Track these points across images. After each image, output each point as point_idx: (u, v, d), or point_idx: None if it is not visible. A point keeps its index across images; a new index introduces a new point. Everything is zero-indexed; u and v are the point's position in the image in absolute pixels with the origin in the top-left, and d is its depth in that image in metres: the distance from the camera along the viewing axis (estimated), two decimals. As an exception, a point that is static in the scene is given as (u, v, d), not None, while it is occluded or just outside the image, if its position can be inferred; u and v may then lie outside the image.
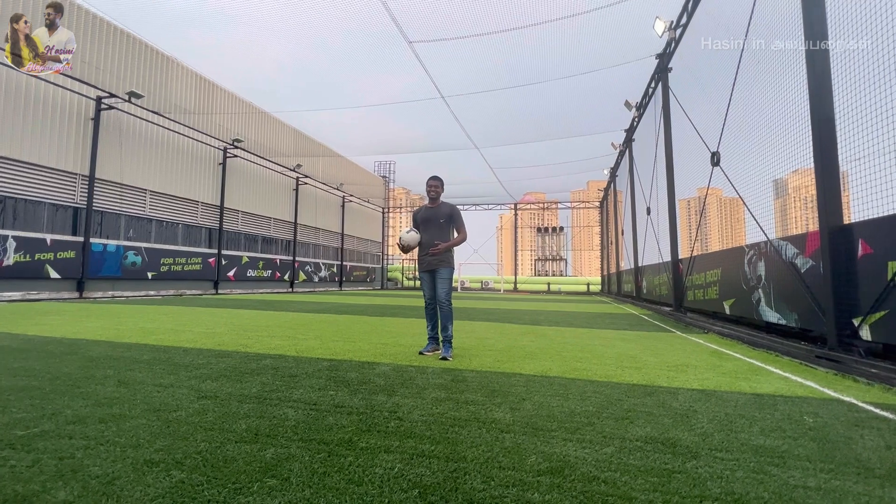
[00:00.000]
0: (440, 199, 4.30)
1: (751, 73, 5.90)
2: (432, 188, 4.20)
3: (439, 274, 4.08)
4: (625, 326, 7.17)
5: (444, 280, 4.05)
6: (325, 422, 2.08)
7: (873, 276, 3.62)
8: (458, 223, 4.21)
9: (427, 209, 4.25)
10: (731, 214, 8.63)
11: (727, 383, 3.13)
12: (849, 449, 1.89)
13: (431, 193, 4.21)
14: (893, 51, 3.45)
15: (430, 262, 4.12)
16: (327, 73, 13.78)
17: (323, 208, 25.45)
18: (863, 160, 3.78)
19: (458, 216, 4.20)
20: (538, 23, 9.48)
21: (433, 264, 4.11)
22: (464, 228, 4.24)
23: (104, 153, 13.08)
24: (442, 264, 4.10)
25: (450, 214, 4.17)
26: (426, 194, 4.27)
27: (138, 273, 14.18)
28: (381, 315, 8.30)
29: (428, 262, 4.14)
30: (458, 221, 4.20)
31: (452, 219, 4.19)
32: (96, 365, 3.21)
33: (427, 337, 4.22)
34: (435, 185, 4.21)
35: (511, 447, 1.82)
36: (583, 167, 21.50)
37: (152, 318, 6.61)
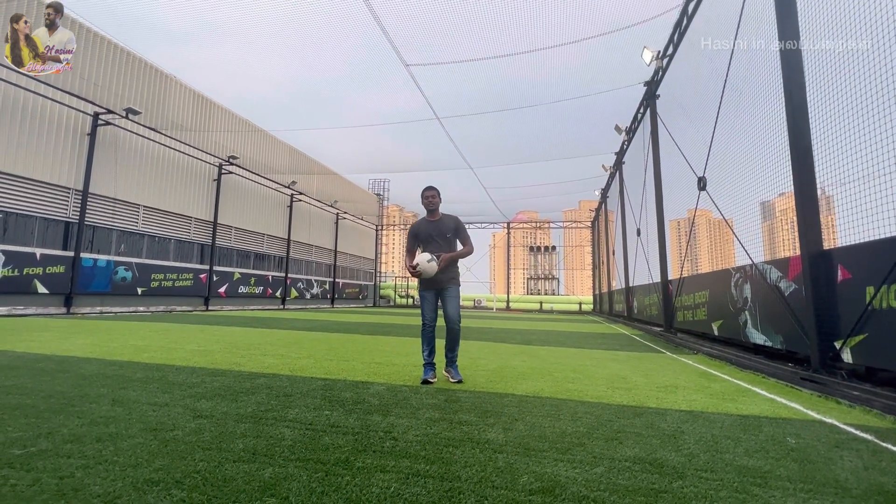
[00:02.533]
0: (439, 210, 3.92)
1: (734, 102, 6.16)
2: (429, 199, 3.80)
3: (448, 293, 3.74)
4: (616, 347, 7.24)
5: (453, 299, 3.75)
6: (321, 441, 2.11)
7: (852, 301, 3.75)
8: (464, 236, 3.86)
9: (428, 223, 3.85)
10: (721, 236, 8.84)
11: (714, 405, 3.20)
12: (828, 470, 1.97)
13: (429, 205, 3.81)
14: (868, 80, 3.67)
15: (437, 280, 3.72)
16: (324, 92, 14.07)
17: (317, 225, 25.49)
18: (846, 185, 3.96)
19: (463, 228, 3.87)
20: (531, 50, 9.82)
21: (440, 282, 3.73)
22: (470, 241, 3.87)
23: (99, 168, 13.10)
24: (451, 282, 3.77)
25: (455, 227, 3.82)
26: (423, 207, 3.88)
27: (128, 288, 14.04)
28: (373, 333, 8.30)
29: (433, 280, 3.73)
30: (464, 234, 3.86)
31: (458, 232, 3.84)
32: (89, 383, 3.20)
33: (423, 364, 3.76)
34: (431, 195, 3.81)
35: (504, 467, 1.87)
36: (575, 187, 21.91)
37: (143, 336, 6.55)
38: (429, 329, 3.78)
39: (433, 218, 3.85)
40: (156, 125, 14.90)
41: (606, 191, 21.06)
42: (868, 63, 3.66)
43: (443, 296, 3.76)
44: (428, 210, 3.85)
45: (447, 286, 3.75)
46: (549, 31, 9.22)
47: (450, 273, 3.78)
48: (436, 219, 3.85)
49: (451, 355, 3.76)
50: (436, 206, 3.84)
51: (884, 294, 3.39)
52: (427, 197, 3.81)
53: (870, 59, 3.65)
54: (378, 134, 16.54)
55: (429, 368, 3.70)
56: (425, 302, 3.80)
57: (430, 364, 3.73)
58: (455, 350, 3.76)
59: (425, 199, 3.80)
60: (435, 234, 3.79)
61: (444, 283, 3.74)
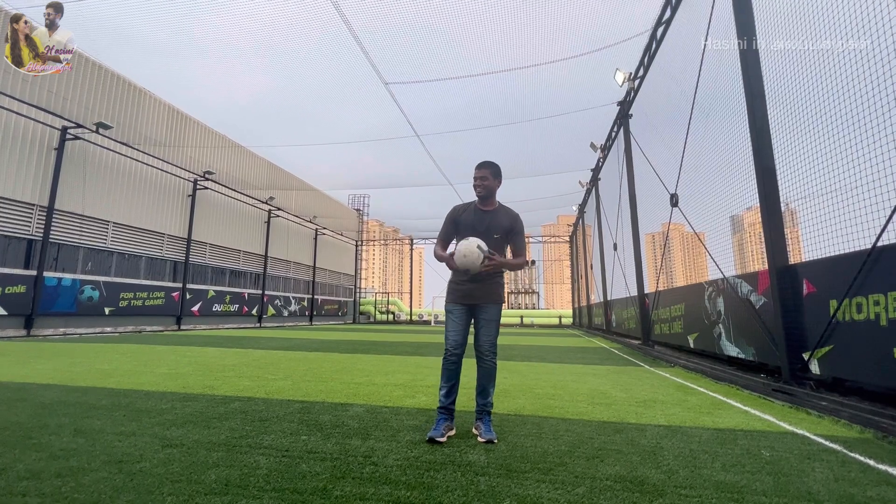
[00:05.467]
0: (496, 198, 2.89)
1: (702, 123, 6.44)
2: (480, 182, 2.80)
3: (484, 312, 2.76)
4: (595, 361, 7.31)
5: (491, 323, 2.75)
6: (298, 469, 2.04)
7: (818, 313, 3.90)
8: (519, 243, 2.86)
9: (476, 211, 2.85)
10: (694, 249, 9.12)
11: (692, 418, 3.25)
12: (801, 482, 2.01)
13: (480, 190, 2.82)
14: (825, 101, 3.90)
15: (471, 292, 2.77)
16: (303, 108, 14.04)
17: (295, 241, 25.11)
18: (807, 200, 4.16)
19: (520, 232, 2.86)
20: (510, 69, 10.07)
21: (476, 296, 2.76)
22: (525, 250, 2.91)
23: (66, 184, 12.64)
24: (490, 299, 2.77)
25: (511, 228, 2.82)
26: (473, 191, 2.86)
27: (95, 308, 13.44)
28: (352, 352, 8.16)
29: (466, 292, 2.78)
30: (521, 241, 2.86)
31: (512, 235, 2.83)
32: (49, 412, 3.02)
33: (437, 408, 2.71)
34: (483, 175, 2.80)
35: (486, 490, 1.85)
36: (553, 203, 22.32)
37: (110, 359, 6.26)
38: (452, 357, 2.71)
39: (486, 207, 2.85)
40: (128, 140, 14.53)
41: (583, 206, 21.53)
42: (827, 85, 3.90)
43: (477, 315, 2.79)
44: (479, 196, 2.85)
45: (485, 303, 2.76)
46: (526, 51, 9.50)
47: (491, 285, 2.79)
48: (489, 208, 2.85)
49: (484, 402, 2.71)
50: (490, 193, 2.82)
51: (846, 307, 3.54)
52: (479, 179, 2.81)
53: (829, 83, 3.88)
54: (358, 150, 16.56)
55: (442, 418, 2.64)
56: (451, 320, 2.78)
57: (445, 410, 2.66)
58: (489, 395, 2.73)
59: (475, 183, 2.83)
60: (481, 227, 2.78)
61: (480, 298, 2.76)
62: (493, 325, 2.76)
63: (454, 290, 2.82)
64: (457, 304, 2.80)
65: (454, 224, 2.91)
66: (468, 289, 2.77)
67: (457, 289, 2.81)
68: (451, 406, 2.68)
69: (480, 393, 2.75)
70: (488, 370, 2.74)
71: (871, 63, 3.36)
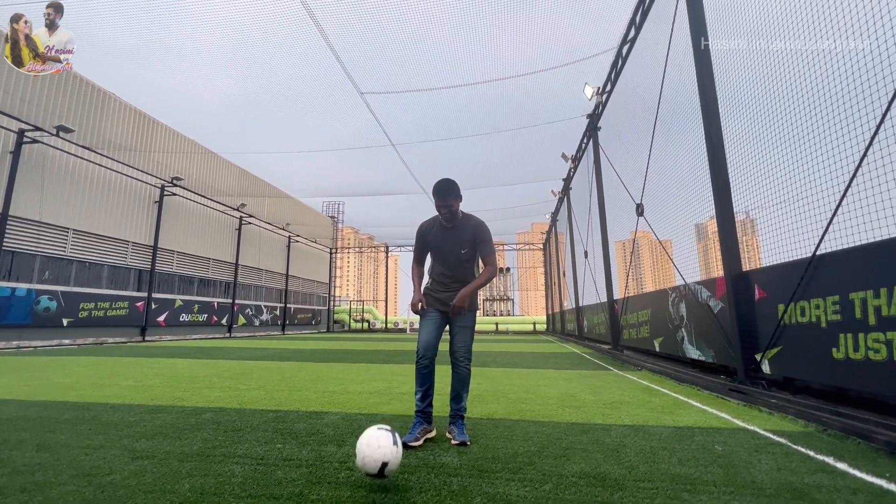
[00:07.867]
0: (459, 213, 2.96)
1: (664, 136, 6.79)
2: (447, 209, 2.85)
3: (459, 319, 2.87)
4: (567, 366, 7.51)
5: (465, 329, 2.88)
6: (273, 476, 2.07)
7: (768, 317, 4.18)
8: (486, 249, 2.92)
9: (441, 228, 2.97)
10: (663, 256, 9.51)
11: (654, 418, 3.43)
12: (748, 473, 2.18)
13: (445, 214, 2.88)
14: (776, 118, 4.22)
15: (448, 300, 2.89)
16: (276, 115, 13.89)
17: (267, 249, 24.62)
18: (763, 210, 4.46)
19: (486, 240, 2.92)
20: (485, 81, 10.31)
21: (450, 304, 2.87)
22: (493, 256, 2.94)
23: (23, 189, 12.06)
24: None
25: (474, 238, 2.91)
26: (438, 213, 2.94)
27: (52, 320, 12.79)
28: (327, 361, 8.09)
29: (443, 299, 2.91)
30: (487, 247, 2.92)
31: (478, 244, 2.92)
32: (8, 427, 2.92)
33: (414, 410, 2.80)
34: (448, 203, 2.84)
35: (458, 490, 1.92)
36: (527, 211, 22.75)
37: (70, 372, 6.01)
38: (424, 361, 2.77)
39: (449, 224, 2.94)
40: (91, 144, 14.00)
41: (556, 215, 22.03)
42: (776, 103, 4.22)
43: (452, 322, 2.90)
44: (444, 218, 2.92)
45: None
46: (500, 63, 9.76)
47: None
48: (452, 224, 2.94)
49: (457, 407, 2.81)
50: (454, 215, 2.90)
51: (792, 310, 3.82)
52: (442, 208, 2.85)
53: (778, 101, 4.21)
54: (332, 157, 16.48)
55: (418, 422, 2.71)
56: (424, 325, 2.86)
57: (422, 413, 2.73)
58: (462, 401, 2.83)
59: (439, 210, 2.88)
60: (446, 244, 2.93)
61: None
62: (467, 332, 2.89)
63: (430, 297, 2.96)
64: (432, 308, 2.92)
65: (423, 241, 3.05)
66: (445, 297, 2.92)
67: (433, 296, 2.95)
68: (427, 409, 2.76)
69: (455, 398, 2.84)
70: (462, 376, 2.85)
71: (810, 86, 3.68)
